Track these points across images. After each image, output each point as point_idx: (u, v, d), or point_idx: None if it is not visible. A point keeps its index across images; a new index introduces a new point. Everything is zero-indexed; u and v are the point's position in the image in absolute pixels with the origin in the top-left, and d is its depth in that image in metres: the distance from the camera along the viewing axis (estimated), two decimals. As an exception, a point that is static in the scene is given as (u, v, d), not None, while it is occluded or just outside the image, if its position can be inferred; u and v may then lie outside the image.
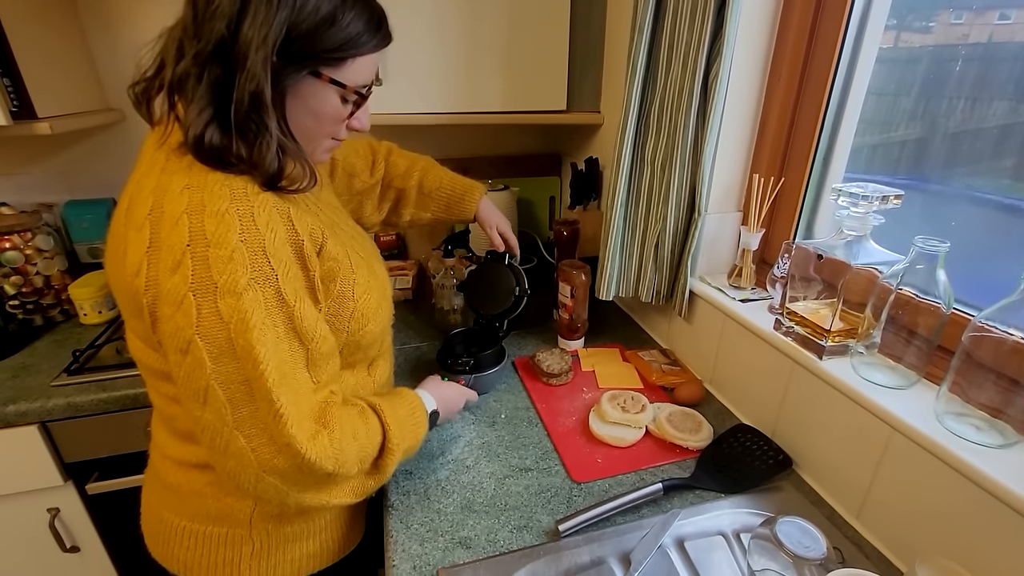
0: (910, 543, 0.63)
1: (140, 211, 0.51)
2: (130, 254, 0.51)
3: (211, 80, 0.50)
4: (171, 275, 0.48)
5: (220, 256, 0.48)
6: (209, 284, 0.48)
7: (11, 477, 1.02)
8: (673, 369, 1.03)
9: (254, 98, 0.50)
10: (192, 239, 0.48)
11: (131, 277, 0.51)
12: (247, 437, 0.51)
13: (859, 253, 0.70)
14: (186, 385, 0.51)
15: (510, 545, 0.68)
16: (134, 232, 0.51)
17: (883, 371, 0.69)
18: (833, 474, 0.74)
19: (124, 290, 0.53)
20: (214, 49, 0.49)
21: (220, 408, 0.50)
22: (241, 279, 0.49)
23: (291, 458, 0.52)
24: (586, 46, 1.28)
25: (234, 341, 0.49)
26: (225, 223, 0.49)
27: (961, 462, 0.56)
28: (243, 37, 0.49)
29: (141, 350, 0.59)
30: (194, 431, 0.55)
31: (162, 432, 0.67)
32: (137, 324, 0.56)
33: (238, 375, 0.50)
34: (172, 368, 0.52)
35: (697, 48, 0.84)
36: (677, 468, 0.81)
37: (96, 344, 1.12)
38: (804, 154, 0.90)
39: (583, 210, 1.34)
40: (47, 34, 1.13)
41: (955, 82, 0.73)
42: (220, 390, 0.50)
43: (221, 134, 0.51)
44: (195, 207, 0.49)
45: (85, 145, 1.34)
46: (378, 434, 0.63)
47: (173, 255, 0.48)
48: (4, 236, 1.14)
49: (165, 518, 0.68)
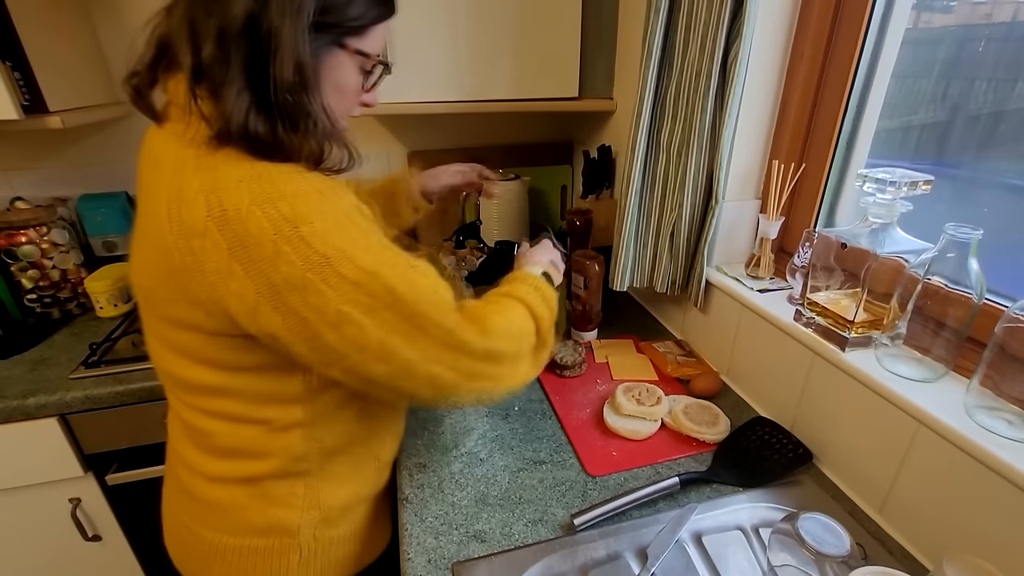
0: (936, 540, 0.61)
1: (194, 215, 0.46)
2: (208, 262, 0.46)
3: (241, 61, 0.47)
4: (276, 268, 0.46)
5: (313, 231, 0.46)
6: (319, 259, 0.47)
7: (34, 468, 1.03)
8: (689, 360, 1.02)
9: (296, 75, 0.48)
10: (276, 227, 0.45)
11: (217, 285, 0.47)
12: (438, 363, 0.54)
13: (885, 241, 0.67)
14: (361, 354, 0.50)
15: (525, 539, 0.67)
16: (197, 240, 0.46)
17: (909, 363, 0.67)
18: (855, 468, 0.72)
19: (191, 298, 0.49)
20: (243, 26, 0.46)
21: (403, 352, 0.51)
22: (344, 243, 0.48)
23: (480, 358, 0.56)
24: (598, 31, 1.25)
25: (374, 293, 0.49)
26: (300, 201, 0.47)
27: (992, 457, 0.54)
28: (274, 8, 0.46)
29: (185, 366, 0.55)
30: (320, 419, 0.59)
31: (192, 450, 0.63)
32: (194, 338, 0.52)
33: (397, 317, 0.50)
34: (316, 353, 0.50)
35: (716, 29, 0.81)
36: (694, 461, 0.80)
37: (112, 337, 1.13)
38: (826, 139, 0.87)
39: (596, 199, 1.31)
40: (57, 28, 1.12)
41: (978, 63, 0.69)
42: (394, 338, 0.51)
43: (264, 119, 0.48)
44: (260, 197, 0.46)
45: (97, 138, 1.35)
46: (520, 306, 0.65)
47: (264, 250, 0.45)
48: (20, 230, 1.15)
49: (201, 536, 0.64)
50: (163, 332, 0.56)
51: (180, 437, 0.64)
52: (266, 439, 0.59)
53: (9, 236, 1.14)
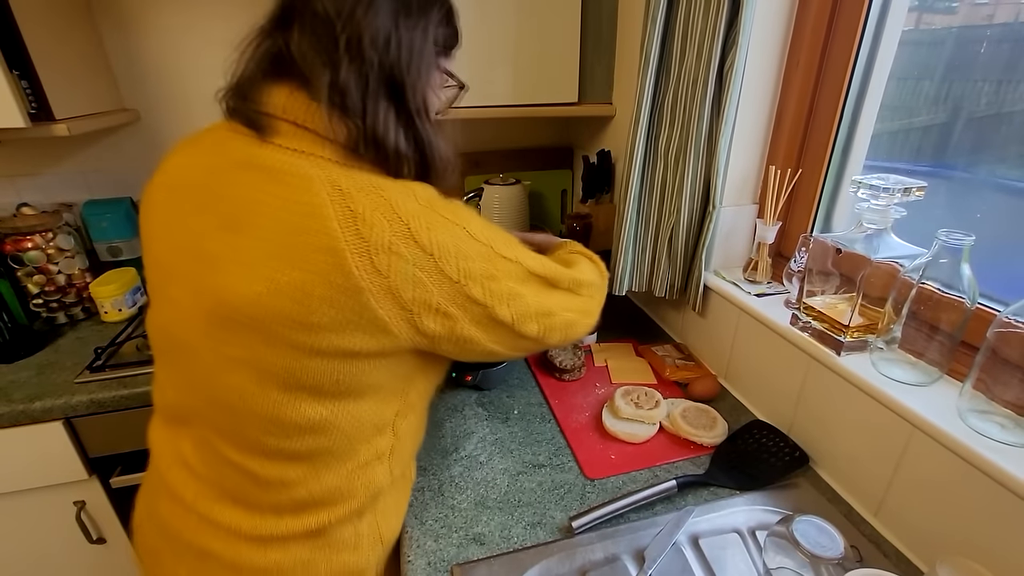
0: (931, 542, 0.62)
1: (376, 233, 0.46)
2: (393, 276, 0.47)
3: (381, 79, 0.50)
4: (459, 269, 0.50)
5: (472, 229, 0.52)
6: (486, 251, 0.52)
7: (39, 471, 1.05)
8: (687, 364, 1.03)
9: (426, 95, 0.52)
10: (452, 232, 0.50)
11: (399, 297, 0.48)
12: (568, 309, 0.62)
13: (879, 247, 0.68)
14: (527, 324, 0.56)
15: (524, 542, 0.68)
16: (382, 256, 0.46)
17: (904, 367, 0.68)
18: (851, 471, 0.73)
19: (356, 318, 0.47)
20: (383, 44, 0.49)
21: (555, 309, 0.59)
22: (490, 233, 0.54)
23: (598, 294, 0.68)
24: (598, 37, 1.26)
25: (522, 268, 0.56)
26: (452, 207, 0.52)
27: (984, 461, 0.54)
28: (406, 27, 0.50)
29: (286, 402, 0.50)
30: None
31: (234, 511, 0.55)
32: (324, 364, 0.49)
33: (540, 281, 0.58)
34: (482, 329, 0.54)
35: (712, 37, 0.82)
36: (691, 465, 0.80)
37: (117, 341, 1.14)
38: (823, 144, 0.88)
39: (595, 203, 1.32)
40: (63, 36, 1.14)
41: (981, 64, 0.70)
42: (541, 297, 0.58)
43: (404, 135, 0.52)
44: (427, 208, 0.49)
45: (102, 145, 1.36)
46: (577, 254, 0.74)
47: (447, 254, 0.49)
48: (27, 236, 1.16)
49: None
50: (269, 362, 0.49)
51: (210, 501, 0.56)
52: (350, 479, 0.57)
53: (16, 242, 1.16)
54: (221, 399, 0.52)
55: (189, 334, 0.52)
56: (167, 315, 0.55)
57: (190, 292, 0.51)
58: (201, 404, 0.54)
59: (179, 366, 0.56)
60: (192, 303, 0.51)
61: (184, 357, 0.54)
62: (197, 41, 1.32)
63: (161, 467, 0.60)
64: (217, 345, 0.50)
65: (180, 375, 0.56)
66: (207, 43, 1.32)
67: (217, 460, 0.55)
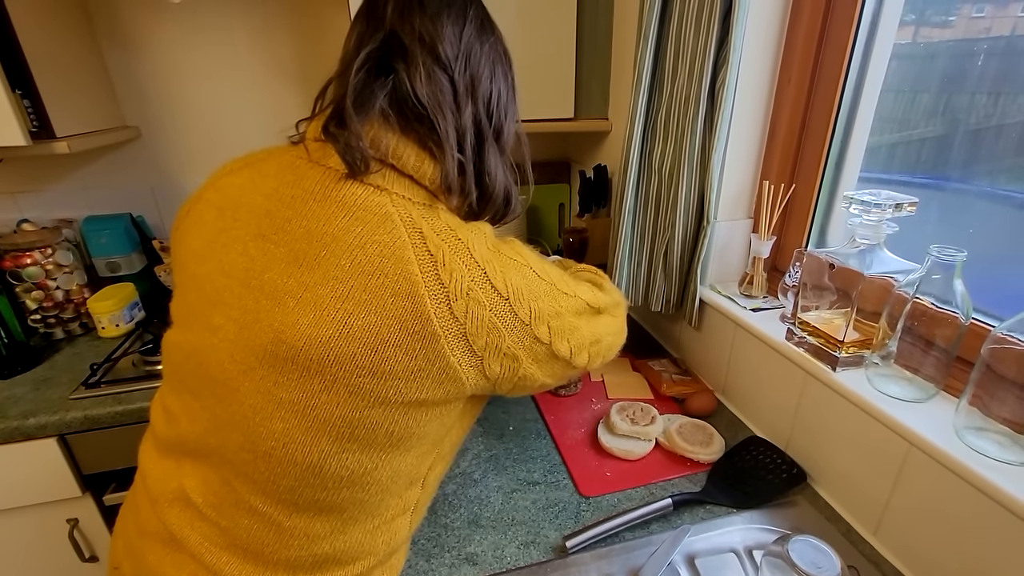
0: (930, 562, 0.61)
1: (456, 279, 0.47)
2: (470, 322, 0.47)
3: (490, 127, 0.56)
4: (530, 310, 0.51)
5: (536, 269, 0.54)
6: (549, 288, 0.54)
7: (32, 488, 1.04)
8: (684, 379, 1.02)
9: (511, 135, 0.60)
10: (523, 274, 0.52)
11: (472, 344, 0.48)
12: (611, 333, 0.65)
13: (872, 262, 0.68)
14: (581, 355, 0.58)
15: (517, 561, 0.67)
16: (460, 303, 0.47)
17: (899, 383, 0.67)
18: (849, 489, 0.72)
19: (426, 364, 0.47)
20: (487, 93, 0.55)
21: (602, 335, 0.61)
22: (549, 270, 0.57)
23: (624, 311, 0.70)
24: (593, 53, 1.28)
25: (577, 303, 0.58)
26: (518, 248, 0.55)
27: (981, 480, 0.53)
28: (502, 79, 0.58)
29: (332, 452, 0.47)
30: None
31: (243, 565, 0.51)
32: (382, 413, 0.47)
33: (590, 311, 0.60)
34: (539, 366, 0.54)
35: (703, 55, 0.83)
36: (688, 482, 0.79)
37: (113, 357, 1.14)
38: (816, 159, 0.89)
39: (592, 218, 1.33)
40: (64, 54, 1.16)
41: (977, 77, 0.71)
42: (592, 326, 0.60)
43: (506, 178, 0.59)
44: (500, 254, 0.52)
45: (102, 162, 1.38)
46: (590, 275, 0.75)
47: (521, 298, 0.51)
48: (26, 252, 1.17)
49: None
50: (325, 410, 0.46)
51: (219, 549, 0.51)
52: (374, 535, 0.55)
53: (15, 258, 1.16)
54: (259, 445, 0.47)
55: (230, 368, 0.47)
56: (203, 342, 0.49)
57: (240, 323, 0.47)
58: (229, 445, 0.49)
59: (206, 400, 0.50)
60: (240, 336, 0.47)
61: (217, 392, 0.49)
62: (199, 59, 1.33)
63: (159, 503, 0.53)
64: (266, 386, 0.46)
65: (205, 410, 0.50)
66: (209, 61, 1.33)
67: (234, 505, 0.50)
